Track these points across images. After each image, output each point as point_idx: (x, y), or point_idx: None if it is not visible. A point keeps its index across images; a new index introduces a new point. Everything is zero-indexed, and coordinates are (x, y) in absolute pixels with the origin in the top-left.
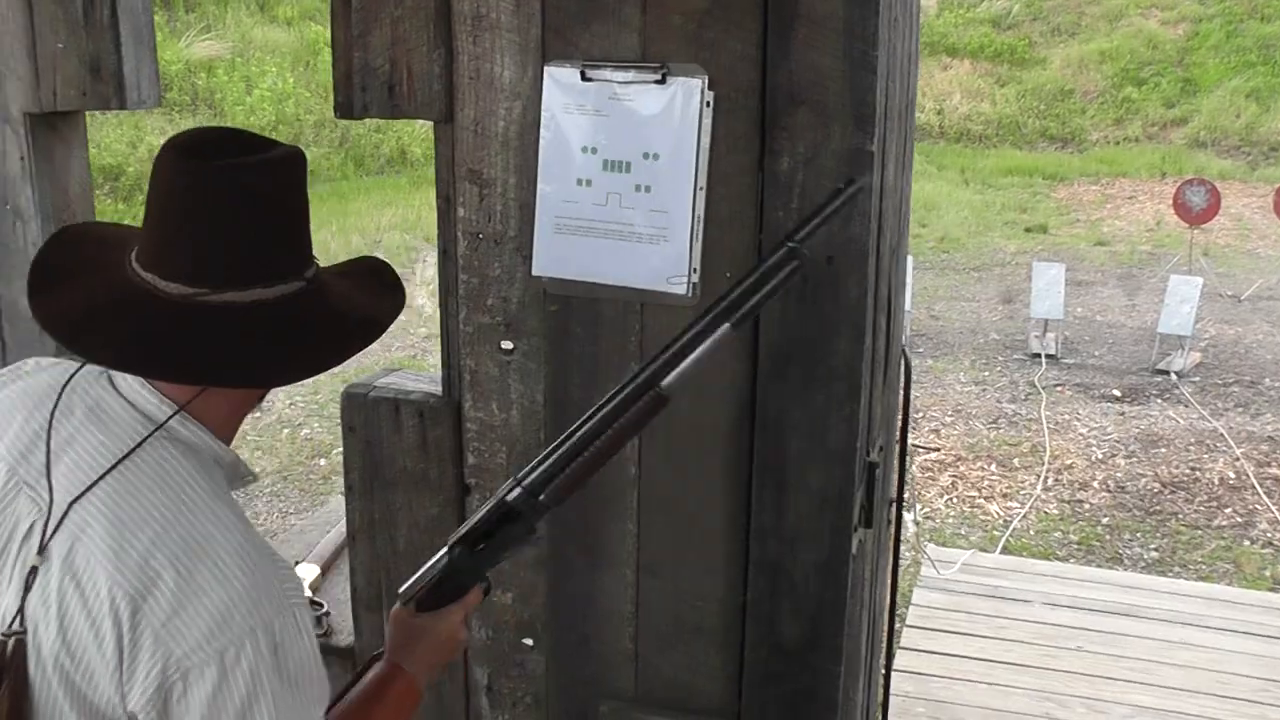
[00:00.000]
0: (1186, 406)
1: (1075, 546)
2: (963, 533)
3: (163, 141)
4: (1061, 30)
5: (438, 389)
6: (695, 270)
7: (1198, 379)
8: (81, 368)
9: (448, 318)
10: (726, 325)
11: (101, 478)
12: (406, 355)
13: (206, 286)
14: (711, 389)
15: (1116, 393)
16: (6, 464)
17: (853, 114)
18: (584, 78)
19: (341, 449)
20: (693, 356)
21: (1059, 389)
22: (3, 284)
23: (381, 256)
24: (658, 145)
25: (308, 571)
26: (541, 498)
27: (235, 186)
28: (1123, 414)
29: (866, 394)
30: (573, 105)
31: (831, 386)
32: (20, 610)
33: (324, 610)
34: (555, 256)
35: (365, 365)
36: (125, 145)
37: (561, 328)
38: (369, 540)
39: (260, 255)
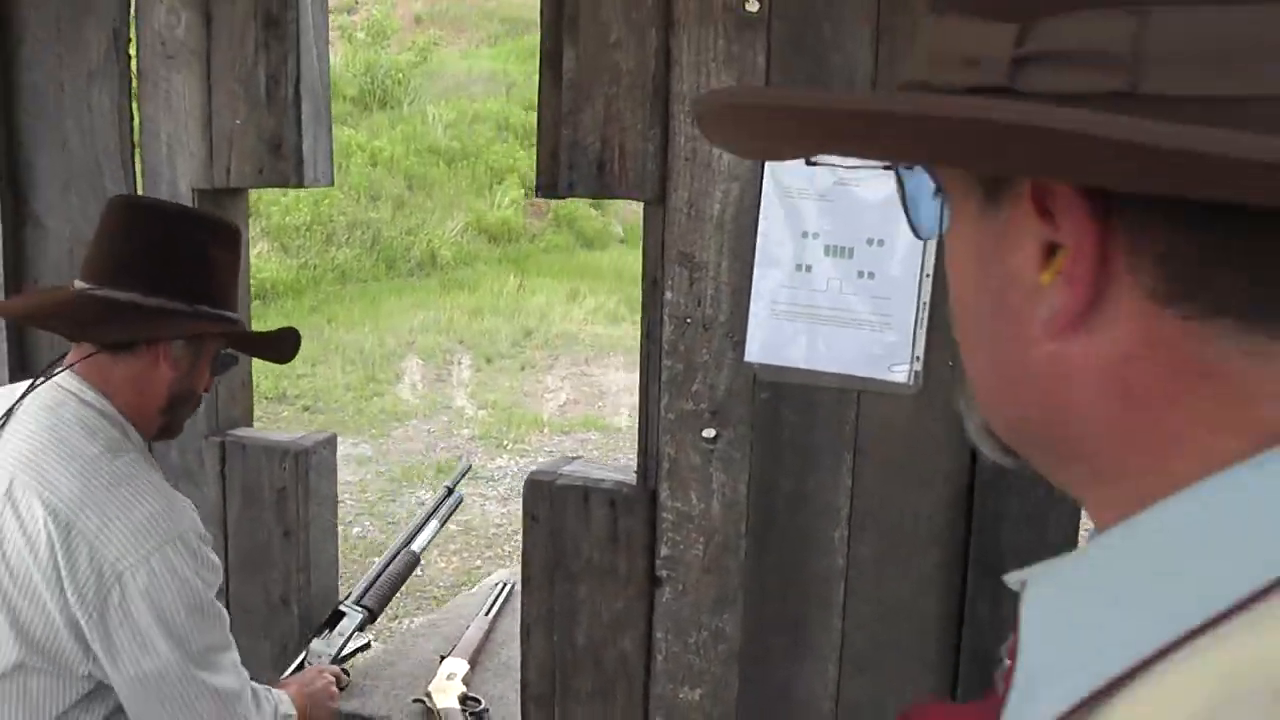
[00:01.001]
0: None
1: None
2: None
3: None
4: None
5: (627, 477)
6: (918, 358)
7: None
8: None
9: (648, 403)
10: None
11: (9, 411)
12: (452, 456)
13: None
14: (927, 482)
15: None
16: None
17: None
18: (808, 162)
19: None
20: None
21: None
22: None
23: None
24: (883, 231)
25: (458, 666)
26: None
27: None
28: None
29: None
30: (795, 189)
31: None
32: None
33: (482, 707)
34: (770, 342)
35: (412, 466)
36: None
37: (772, 415)
38: (546, 634)
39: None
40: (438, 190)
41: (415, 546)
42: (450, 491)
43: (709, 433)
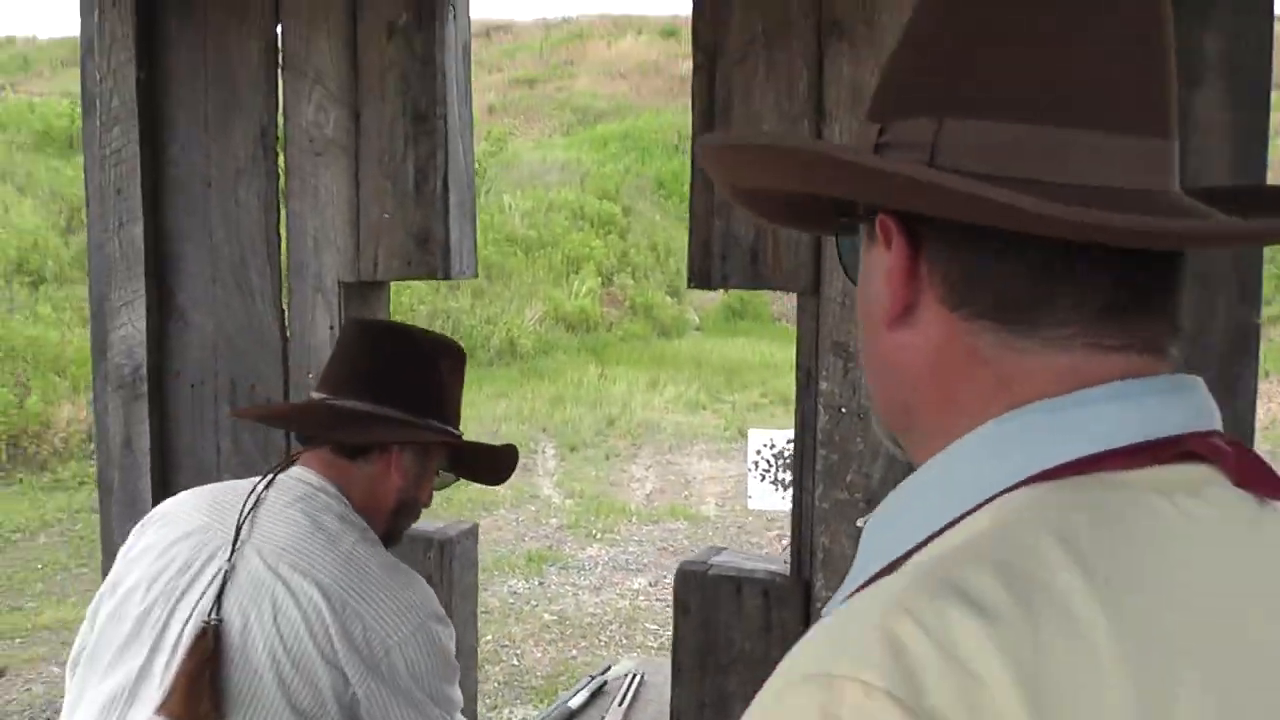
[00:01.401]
0: None
1: None
2: None
3: None
4: None
5: (779, 567)
6: None
7: None
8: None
9: (801, 493)
10: None
11: (257, 500)
12: (543, 546)
13: (328, 393)
14: None
15: None
16: (202, 520)
17: (1237, 285)
18: None
19: None
20: None
21: None
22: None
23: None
24: None
25: None
26: None
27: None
28: None
29: None
30: None
31: None
32: (217, 606)
33: None
34: None
35: (502, 555)
36: None
37: None
38: None
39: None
40: (515, 279)
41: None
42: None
43: (863, 522)
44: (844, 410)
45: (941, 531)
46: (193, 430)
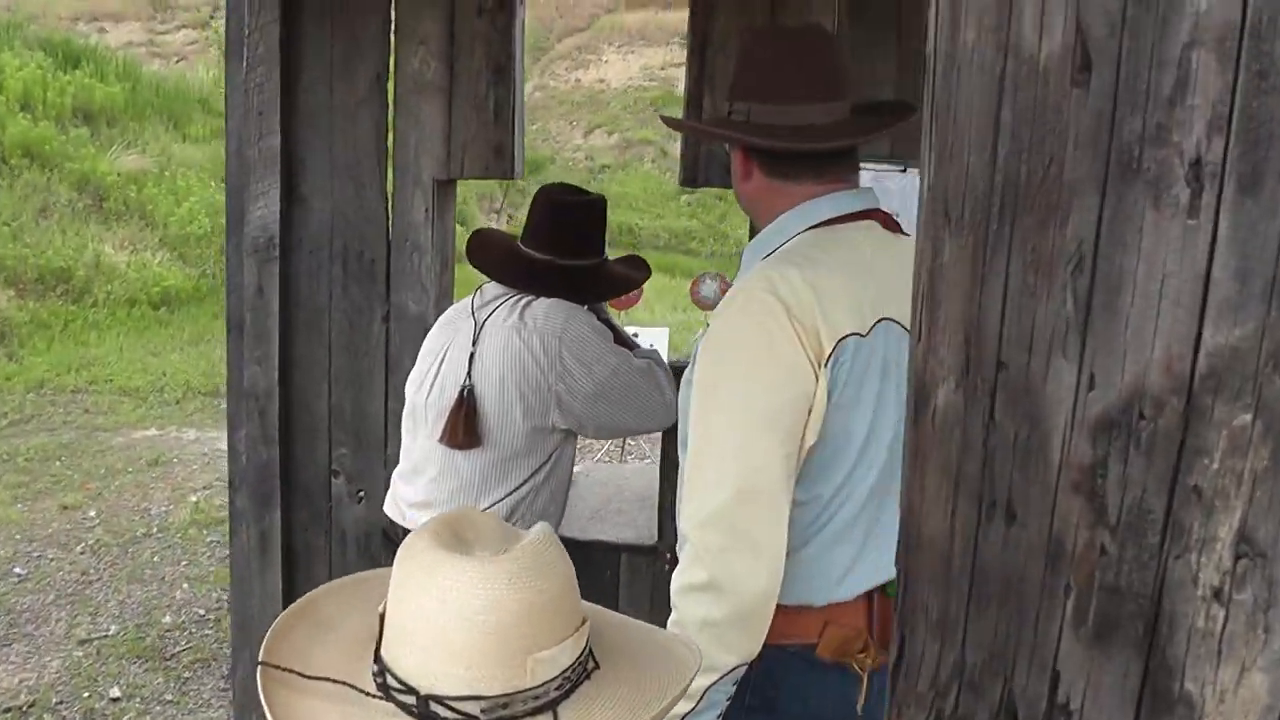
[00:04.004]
0: None
1: None
2: None
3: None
4: None
5: None
6: None
7: None
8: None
9: None
10: None
11: (506, 298)
12: None
13: (554, 255)
14: None
15: None
16: (457, 313)
17: None
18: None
19: None
20: None
21: None
22: (399, 294)
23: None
24: (899, 207)
25: None
26: None
27: (574, 215)
28: None
29: None
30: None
31: None
32: (469, 374)
33: None
34: None
35: None
36: (72, 250)
37: None
38: None
39: (581, 246)
40: None
41: None
42: None
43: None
44: None
45: (778, 248)
46: (310, 284)
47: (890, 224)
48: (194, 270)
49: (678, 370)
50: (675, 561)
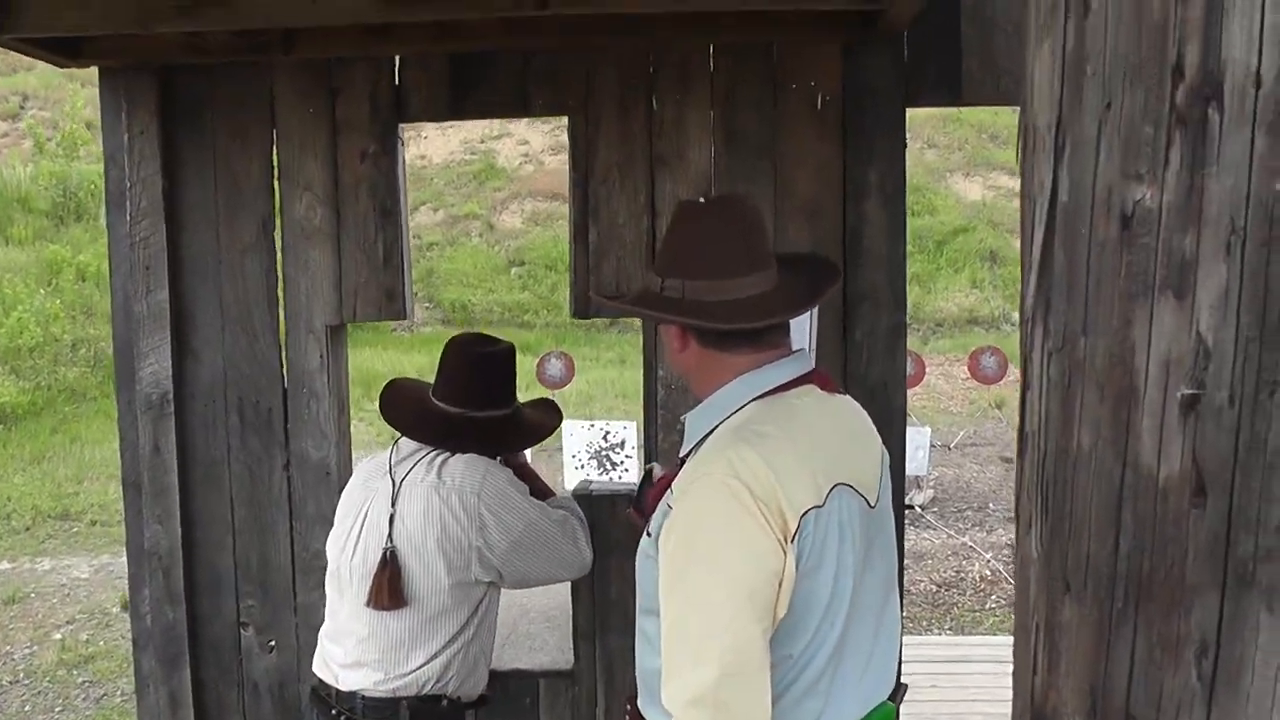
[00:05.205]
0: (935, 529)
1: None
2: None
3: None
4: None
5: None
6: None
7: (935, 509)
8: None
9: (650, 438)
10: None
11: (422, 455)
12: None
13: (466, 408)
14: None
15: None
16: (373, 471)
17: (891, 299)
18: None
19: None
20: None
21: None
22: (298, 441)
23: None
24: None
25: None
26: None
27: (484, 366)
28: None
29: None
30: None
31: None
32: (390, 535)
33: None
34: None
35: None
36: None
37: None
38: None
39: (492, 396)
40: None
41: None
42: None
43: (683, 420)
44: (673, 386)
45: (725, 419)
46: (206, 437)
47: (827, 384)
48: (28, 383)
49: (625, 499)
50: (636, 711)
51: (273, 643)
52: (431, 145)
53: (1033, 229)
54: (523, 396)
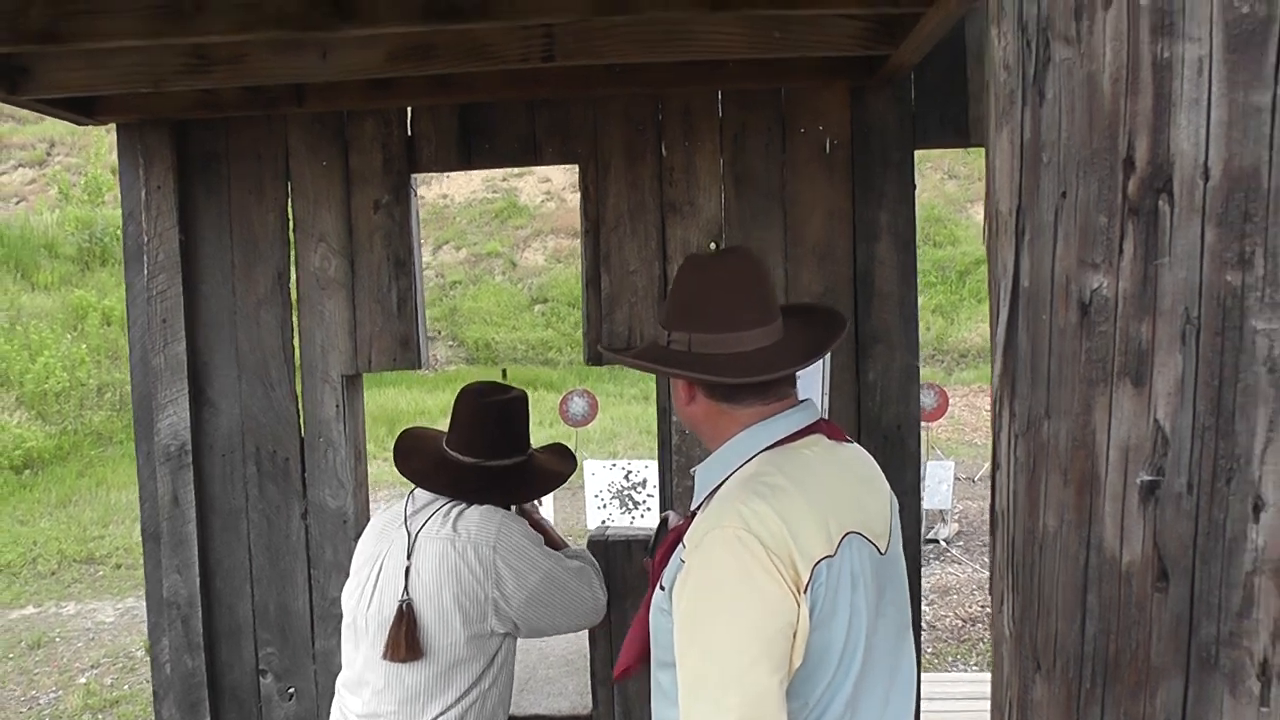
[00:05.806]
0: (960, 564)
1: None
2: None
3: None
4: None
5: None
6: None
7: (961, 543)
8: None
9: (664, 484)
10: None
11: (437, 507)
12: None
13: (480, 457)
14: None
15: None
16: (388, 521)
17: (905, 343)
18: None
19: None
20: None
21: None
22: (316, 490)
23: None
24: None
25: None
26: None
27: (496, 416)
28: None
29: None
30: None
31: None
32: (405, 588)
33: None
34: None
35: None
36: None
37: None
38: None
39: (506, 445)
40: None
41: None
42: None
43: (694, 472)
44: (687, 431)
45: (735, 471)
46: (224, 487)
47: (834, 433)
48: (54, 428)
49: (639, 543)
50: None
51: (292, 690)
52: (454, 184)
53: (998, 311)
54: (547, 435)
